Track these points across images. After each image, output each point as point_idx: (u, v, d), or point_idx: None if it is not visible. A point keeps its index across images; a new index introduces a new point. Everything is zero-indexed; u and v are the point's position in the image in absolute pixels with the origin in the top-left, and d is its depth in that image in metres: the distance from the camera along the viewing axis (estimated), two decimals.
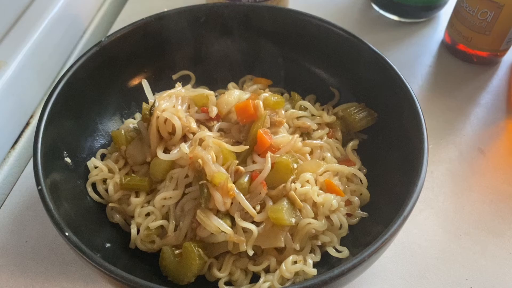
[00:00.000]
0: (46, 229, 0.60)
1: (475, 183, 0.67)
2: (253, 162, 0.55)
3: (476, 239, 0.61)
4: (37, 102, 0.75)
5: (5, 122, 0.67)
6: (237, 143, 0.57)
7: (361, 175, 0.60)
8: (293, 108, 0.66)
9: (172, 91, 0.60)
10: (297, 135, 0.59)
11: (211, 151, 0.53)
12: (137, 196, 0.57)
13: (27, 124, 0.72)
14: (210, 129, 0.58)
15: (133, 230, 0.55)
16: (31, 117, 0.73)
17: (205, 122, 0.59)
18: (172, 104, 0.58)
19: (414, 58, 0.83)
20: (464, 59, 0.82)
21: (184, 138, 0.57)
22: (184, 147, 0.54)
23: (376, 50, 0.62)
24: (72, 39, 0.83)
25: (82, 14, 0.86)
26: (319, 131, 0.63)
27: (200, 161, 0.52)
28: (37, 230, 0.61)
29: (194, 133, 0.56)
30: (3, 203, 0.63)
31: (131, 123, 0.64)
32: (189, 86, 0.67)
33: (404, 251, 0.60)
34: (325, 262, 0.54)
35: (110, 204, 0.57)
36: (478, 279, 0.58)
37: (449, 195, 0.65)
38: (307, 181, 0.56)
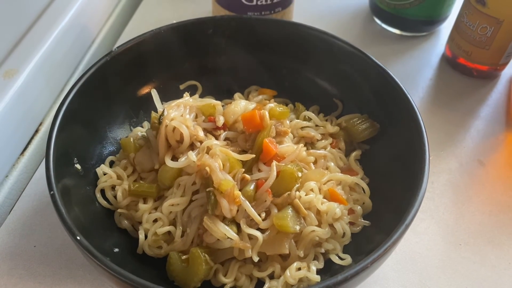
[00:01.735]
0: (54, 234, 0.62)
1: (475, 194, 0.68)
2: (259, 170, 0.56)
3: (476, 248, 0.62)
4: (46, 110, 0.76)
5: (15, 128, 0.69)
6: (243, 152, 0.58)
7: (363, 184, 0.61)
8: (297, 118, 0.67)
9: (180, 100, 0.61)
10: (301, 145, 0.60)
11: (218, 159, 0.54)
12: (145, 202, 0.58)
13: (37, 131, 0.74)
14: (217, 138, 0.60)
15: (141, 236, 0.56)
16: (41, 124, 0.75)
17: (212, 131, 0.60)
18: (180, 113, 0.59)
19: (415, 71, 0.85)
20: (464, 73, 0.83)
21: (192, 147, 0.58)
22: (192, 155, 0.55)
23: (379, 63, 0.63)
24: (81, 48, 0.85)
25: (91, 24, 0.88)
26: (323, 141, 0.65)
27: (207, 168, 0.53)
28: (45, 235, 0.62)
29: (201, 142, 0.58)
30: (12, 208, 0.64)
31: (140, 131, 0.65)
32: (196, 96, 0.69)
33: (405, 259, 0.61)
34: (328, 269, 0.55)
35: (119, 210, 0.58)
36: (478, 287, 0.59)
37: (449, 206, 0.67)
38: (311, 190, 0.57)
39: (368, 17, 0.95)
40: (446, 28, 0.92)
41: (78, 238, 0.46)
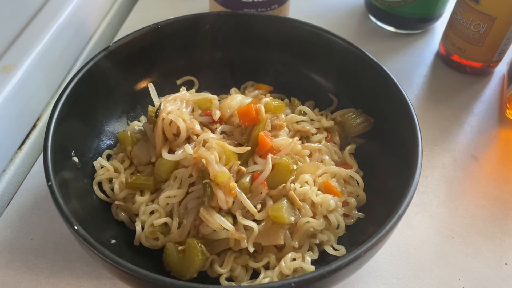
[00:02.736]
0: (52, 227, 0.62)
1: (468, 188, 0.69)
2: (255, 163, 0.57)
3: (469, 241, 0.63)
4: (44, 105, 0.77)
5: (13, 123, 0.69)
6: (239, 145, 0.59)
7: (358, 177, 0.62)
8: (292, 113, 0.68)
9: (177, 94, 0.62)
10: (296, 138, 0.60)
11: (215, 151, 0.55)
12: (142, 194, 0.59)
13: (34, 126, 0.74)
14: (213, 131, 0.60)
15: (138, 227, 0.56)
16: (38, 119, 0.75)
17: (208, 124, 0.61)
18: (177, 107, 0.60)
19: (410, 68, 0.86)
20: (458, 70, 0.84)
21: (188, 140, 0.59)
22: (188, 148, 0.56)
23: (374, 58, 0.64)
24: (79, 44, 0.86)
25: (89, 20, 0.88)
26: (318, 135, 0.65)
27: (203, 161, 0.54)
28: (42, 228, 0.62)
29: (197, 135, 0.58)
30: (10, 201, 0.65)
31: (136, 125, 0.66)
32: (193, 90, 0.69)
33: (399, 252, 0.62)
34: (323, 260, 0.55)
35: (116, 202, 0.59)
36: (470, 279, 0.59)
37: (443, 199, 0.67)
38: (306, 182, 0.57)
39: (363, 15, 0.96)
40: (440, 25, 0.93)
41: (75, 228, 0.47)
